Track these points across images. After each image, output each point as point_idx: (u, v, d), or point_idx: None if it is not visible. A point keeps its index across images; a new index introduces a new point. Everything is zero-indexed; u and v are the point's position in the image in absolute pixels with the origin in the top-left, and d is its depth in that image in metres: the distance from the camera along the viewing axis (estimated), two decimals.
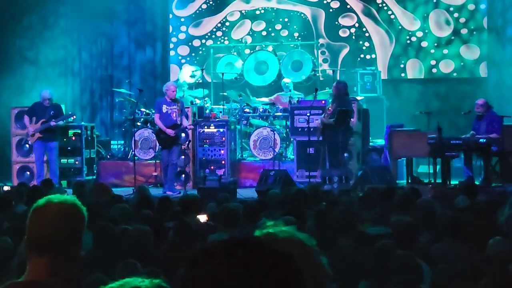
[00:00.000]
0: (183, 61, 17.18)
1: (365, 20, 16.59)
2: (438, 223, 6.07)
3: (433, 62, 16.32)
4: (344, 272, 4.59)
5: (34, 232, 2.61)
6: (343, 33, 16.69)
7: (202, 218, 7.15)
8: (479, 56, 16.11)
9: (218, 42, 17.06)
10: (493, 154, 12.20)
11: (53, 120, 12.60)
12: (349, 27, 16.68)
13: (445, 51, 16.24)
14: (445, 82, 16.22)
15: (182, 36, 17.35)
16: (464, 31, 16.18)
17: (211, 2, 17.17)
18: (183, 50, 17.33)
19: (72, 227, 2.62)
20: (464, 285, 4.52)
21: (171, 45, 17.37)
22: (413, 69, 16.47)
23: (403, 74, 16.47)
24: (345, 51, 16.70)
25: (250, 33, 17.02)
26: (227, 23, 17.15)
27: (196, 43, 17.23)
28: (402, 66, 16.45)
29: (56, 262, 2.57)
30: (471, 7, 16.11)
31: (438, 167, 12.10)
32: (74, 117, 13.91)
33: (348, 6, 16.63)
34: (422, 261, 4.97)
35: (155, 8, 17.06)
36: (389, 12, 16.46)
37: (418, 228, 5.89)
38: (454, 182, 11.91)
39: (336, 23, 16.68)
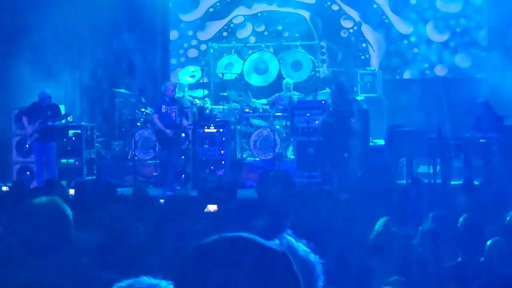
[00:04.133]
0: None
1: (363, 22, 16.62)
2: None
3: (431, 64, 16.35)
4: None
5: (21, 234, 2.62)
6: (342, 35, 16.69)
7: (213, 207, 7.21)
8: (479, 56, 16.12)
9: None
10: (493, 154, 12.21)
11: (50, 119, 12.58)
12: (348, 29, 16.68)
13: (444, 53, 16.26)
14: (445, 82, 16.22)
15: (186, 40, 17.33)
16: (463, 33, 16.20)
17: (218, 5, 17.13)
18: (188, 53, 17.30)
19: (58, 227, 2.63)
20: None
21: (181, 51, 17.32)
22: (412, 70, 16.48)
23: (398, 77, 16.49)
24: (345, 51, 16.71)
25: (252, 34, 17.00)
26: (231, 25, 17.12)
27: (203, 47, 17.18)
28: (401, 67, 16.47)
29: (47, 263, 2.57)
30: (468, 10, 16.15)
31: (438, 167, 12.12)
32: (71, 116, 13.91)
33: (345, 10, 16.63)
34: None
35: (155, 11, 17.05)
36: (383, 16, 16.48)
37: None
38: (454, 182, 11.92)
39: (336, 24, 16.69)
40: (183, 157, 13.15)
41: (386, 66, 16.40)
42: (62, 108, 13.63)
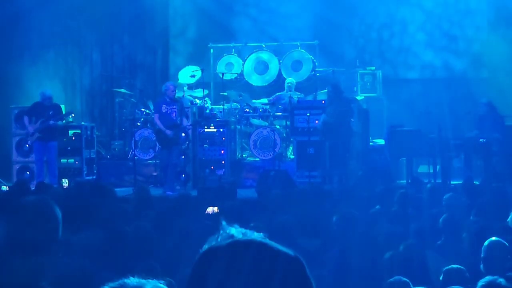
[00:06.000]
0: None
1: (365, 21, 16.62)
2: None
3: (432, 63, 16.35)
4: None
5: (11, 233, 2.61)
6: (343, 34, 16.69)
7: (213, 209, 7.25)
8: (480, 56, 16.12)
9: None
10: (493, 154, 12.22)
11: (52, 119, 12.60)
12: (349, 28, 16.67)
13: (445, 52, 16.26)
14: (445, 82, 16.22)
15: (186, 40, 17.33)
16: (464, 31, 16.21)
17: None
18: (187, 54, 17.30)
19: (47, 227, 2.62)
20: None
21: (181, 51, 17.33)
22: (412, 70, 16.48)
23: (402, 75, 16.49)
24: (345, 51, 16.70)
25: (252, 34, 16.98)
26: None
27: (201, 47, 17.14)
28: (401, 66, 16.48)
29: (34, 262, 2.56)
30: (470, 8, 16.15)
31: (438, 167, 12.12)
32: (73, 115, 13.92)
33: (349, 12, 16.65)
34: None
35: (155, 10, 17.05)
36: (386, 17, 16.50)
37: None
38: (454, 182, 11.92)
39: (337, 24, 16.68)
40: (183, 157, 13.15)
41: (386, 66, 16.39)
42: (63, 108, 13.65)
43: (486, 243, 5.00)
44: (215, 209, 7.31)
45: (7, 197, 8.40)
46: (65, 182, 12.82)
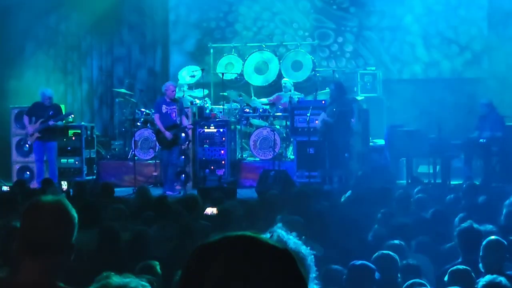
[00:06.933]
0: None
1: (365, 21, 16.62)
2: None
3: (432, 63, 16.35)
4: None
5: (26, 233, 2.60)
6: (343, 33, 16.69)
7: (211, 210, 7.24)
8: (480, 56, 16.13)
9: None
10: (493, 154, 12.22)
11: (52, 119, 12.59)
12: (349, 28, 16.68)
13: (445, 52, 16.26)
14: (445, 82, 16.22)
15: (186, 39, 17.34)
16: (464, 31, 16.21)
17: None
18: (188, 53, 17.30)
19: (64, 228, 2.61)
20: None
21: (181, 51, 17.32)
22: (412, 69, 16.48)
23: (402, 75, 16.49)
24: (345, 51, 16.71)
25: (252, 34, 16.98)
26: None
27: (201, 47, 17.14)
28: (401, 66, 16.48)
29: (48, 264, 2.55)
30: (470, 8, 16.16)
31: (438, 167, 12.13)
32: (73, 115, 13.93)
33: (349, 12, 16.64)
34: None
35: (155, 10, 17.04)
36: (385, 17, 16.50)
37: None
38: (454, 182, 11.92)
39: (337, 23, 16.69)
40: (183, 157, 13.15)
41: (386, 66, 16.40)
42: (63, 108, 13.65)
43: (484, 242, 5.01)
44: (214, 209, 7.31)
45: (8, 197, 8.40)
46: (65, 184, 12.81)
